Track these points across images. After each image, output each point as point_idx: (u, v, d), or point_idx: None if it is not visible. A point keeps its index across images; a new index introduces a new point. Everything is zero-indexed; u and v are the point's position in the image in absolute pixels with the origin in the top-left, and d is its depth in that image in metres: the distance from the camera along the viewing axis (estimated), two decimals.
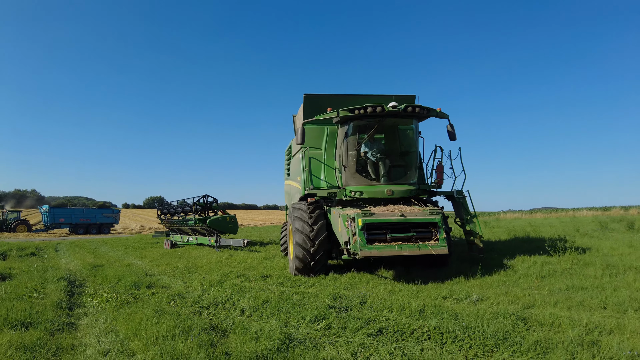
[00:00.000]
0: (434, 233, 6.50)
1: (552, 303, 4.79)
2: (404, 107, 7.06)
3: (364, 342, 3.72)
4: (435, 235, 6.47)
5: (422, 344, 3.62)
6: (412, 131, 7.86)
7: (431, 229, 6.53)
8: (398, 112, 7.10)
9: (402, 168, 7.82)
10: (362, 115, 7.13)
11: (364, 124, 7.45)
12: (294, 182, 9.29)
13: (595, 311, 4.46)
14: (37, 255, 13.30)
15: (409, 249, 6.18)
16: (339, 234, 6.84)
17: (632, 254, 8.31)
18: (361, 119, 7.30)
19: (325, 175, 8.07)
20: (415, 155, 7.82)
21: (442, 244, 6.37)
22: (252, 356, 3.41)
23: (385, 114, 7.07)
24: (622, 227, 15.05)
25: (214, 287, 6.70)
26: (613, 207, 46.18)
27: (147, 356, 3.52)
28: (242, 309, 5.21)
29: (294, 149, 9.68)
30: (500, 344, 3.51)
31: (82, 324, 4.90)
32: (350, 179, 7.50)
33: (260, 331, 4.04)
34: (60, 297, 6.09)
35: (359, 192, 7.30)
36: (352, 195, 7.36)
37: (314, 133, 8.35)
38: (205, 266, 9.56)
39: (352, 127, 7.51)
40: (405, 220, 6.45)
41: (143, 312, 4.93)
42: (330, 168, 8.14)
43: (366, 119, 7.27)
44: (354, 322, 4.25)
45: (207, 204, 15.52)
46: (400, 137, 8.18)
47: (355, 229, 6.23)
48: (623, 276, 6.25)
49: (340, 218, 6.68)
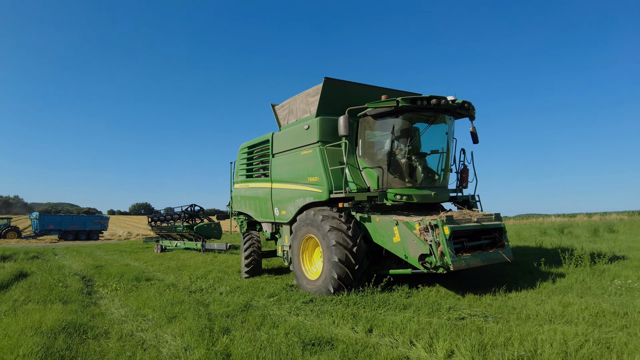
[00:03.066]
0: (497, 239, 6.43)
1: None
2: (462, 102, 6.66)
3: (299, 306, 5.67)
4: (500, 241, 6.40)
5: (335, 306, 5.58)
6: (450, 130, 7.16)
7: (496, 234, 6.46)
8: (455, 107, 6.64)
9: (437, 170, 7.23)
10: (423, 107, 6.45)
11: (415, 118, 6.81)
12: (286, 184, 7.93)
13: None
14: (39, 258, 14.88)
15: (488, 258, 5.97)
16: (395, 245, 5.97)
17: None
18: (421, 111, 6.59)
19: (351, 176, 6.85)
20: (449, 157, 7.26)
21: (509, 250, 6.35)
22: (224, 313, 5.33)
23: (446, 107, 6.56)
24: (556, 232, 17.46)
25: (200, 279, 8.59)
26: (579, 214, 49.56)
27: (155, 316, 5.40)
28: (221, 292, 7.11)
29: (280, 144, 8.32)
30: (383, 305, 5.50)
31: (102, 302, 6.73)
32: (393, 181, 6.67)
33: (230, 302, 5.98)
34: (80, 286, 7.92)
35: (407, 195, 6.56)
36: (398, 199, 6.52)
37: (331, 126, 7.13)
38: (192, 265, 11.41)
39: (402, 121, 6.67)
40: (482, 227, 6.19)
41: (147, 293, 6.83)
42: (354, 168, 6.99)
43: (426, 111, 6.64)
44: (296, 295, 6.23)
45: (194, 212, 17.33)
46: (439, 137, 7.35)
47: (437, 238, 5.50)
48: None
49: (401, 226, 5.86)
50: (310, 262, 7.15)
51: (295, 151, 7.74)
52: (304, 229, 6.98)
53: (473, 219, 6.15)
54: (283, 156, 8.17)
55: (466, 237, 5.98)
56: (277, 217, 8.27)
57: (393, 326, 4.35)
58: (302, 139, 7.52)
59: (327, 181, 6.76)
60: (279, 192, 8.17)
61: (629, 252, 9.69)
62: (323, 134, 7.12)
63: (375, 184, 6.73)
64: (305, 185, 7.31)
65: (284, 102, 8.65)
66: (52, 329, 4.54)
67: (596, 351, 3.36)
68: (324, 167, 6.84)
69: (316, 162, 7.02)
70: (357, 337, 4.16)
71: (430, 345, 3.77)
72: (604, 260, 7.56)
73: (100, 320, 5.32)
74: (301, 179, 7.45)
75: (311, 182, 7.17)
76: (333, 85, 7.29)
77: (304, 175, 7.35)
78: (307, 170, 7.27)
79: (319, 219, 6.51)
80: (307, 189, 7.27)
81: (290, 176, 7.81)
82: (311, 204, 7.22)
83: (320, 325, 4.68)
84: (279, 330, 4.38)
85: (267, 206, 8.57)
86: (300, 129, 7.60)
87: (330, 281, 6.14)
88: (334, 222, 6.32)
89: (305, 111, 7.79)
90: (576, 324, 4.20)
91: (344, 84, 7.44)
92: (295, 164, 7.69)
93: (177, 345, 4.10)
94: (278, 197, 8.19)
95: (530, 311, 4.75)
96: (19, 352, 3.73)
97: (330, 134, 7.11)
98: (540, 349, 3.45)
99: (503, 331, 4.00)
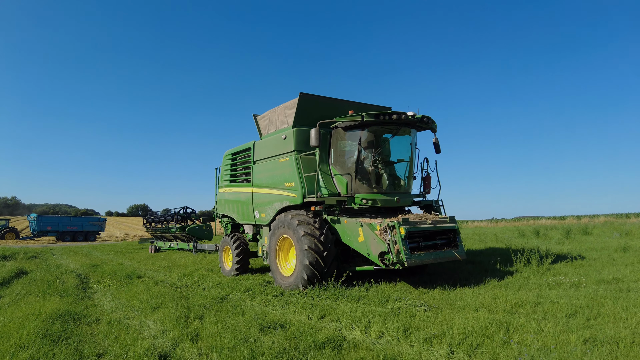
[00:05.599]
0: (452, 239, 7.06)
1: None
2: (421, 117, 7.35)
3: (269, 299, 6.41)
4: (454, 241, 7.05)
5: (300, 299, 6.33)
6: (413, 141, 7.88)
7: (450, 235, 7.09)
8: (415, 121, 7.30)
9: (402, 177, 7.89)
10: (385, 122, 7.14)
11: (380, 130, 7.44)
12: (266, 189, 8.61)
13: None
14: (38, 258, 15.60)
15: (441, 256, 6.60)
16: (360, 244, 6.66)
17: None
18: (384, 124, 7.28)
19: (323, 182, 7.50)
20: (412, 165, 7.91)
21: (462, 249, 7.04)
22: (202, 304, 6.08)
23: (407, 121, 7.22)
24: (532, 234, 18.30)
25: (187, 276, 9.34)
26: (569, 216, 50.61)
27: (141, 307, 6.13)
28: (204, 287, 7.84)
29: (260, 152, 9.05)
30: (341, 297, 6.25)
31: (96, 296, 7.46)
32: (361, 187, 7.30)
33: (208, 295, 6.73)
34: (76, 282, 8.66)
35: (372, 200, 7.19)
36: (365, 203, 7.18)
37: (305, 136, 7.79)
38: (182, 264, 12.15)
39: (368, 133, 7.33)
40: (436, 228, 6.84)
41: (137, 288, 7.58)
42: (326, 174, 7.64)
43: (388, 125, 7.30)
44: (268, 289, 6.99)
45: (187, 214, 18.08)
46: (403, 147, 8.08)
47: (395, 237, 6.17)
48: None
49: (364, 227, 6.56)
50: (285, 260, 7.84)
51: (274, 159, 8.43)
52: (281, 229, 7.65)
53: (428, 222, 6.80)
54: (263, 163, 8.88)
55: (422, 237, 6.66)
56: (258, 219, 8.98)
57: (342, 314, 5.10)
58: (280, 148, 8.22)
59: (302, 186, 7.44)
60: (260, 196, 8.85)
61: (587, 253, 10.50)
62: (299, 144, 7.83)
63: (345, 189, 7.36)
64: (283, 190, 7.99)
65: (265, 113, 9.38)
66: (50, 316, 5.28)
67: (495, 330, 4.13)
68: (299, 173, 7.51)
69: (292, 169, 7.69)
70: (309, 322, 4.91)
71: (367, 328, 4.52)
72: (551, 259, 8.32)
73: (93, 310, 6.07)
74: (279, 184, 8.13)
75: (287, 187, 7.85)
76: (308, 100, 8.02)
77: (282, 181, 8.03)
78: (284, 176, 7.95)
79: (295, 223, 7.11)
80: (284, 193, 7.95)
81: (270, 182, 8.49)
82: (288, 207, 7.89)
83: (282, 313, 5.43)
84: (245, 317, 5.13)
85: (249, 209, 9.23)
86: (279, 138, 8.32)
87: (301, 280, 6.87)
88: (308, 228, 6.92)
89: (284, 122, 8.50)
90: (495, 312, 4.97)
91: (317, 99, 8.20)
92: (273, 170, 8.37)
93: (156, 329, 4.84)
94: (258, 201, 8.87)
95: (464, 302, 5.51)
96: (23, 332, 4.47)
97: (305, 143, 7.78)
98: (452, 329, 4.22)
99: (429, 317, 4.76)
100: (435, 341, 3.96)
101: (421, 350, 3.76)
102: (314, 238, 6.84)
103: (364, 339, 4.23)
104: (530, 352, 3.51)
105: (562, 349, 3.54)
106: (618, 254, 9.98)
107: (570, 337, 3.79)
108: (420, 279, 7.62)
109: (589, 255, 9.93)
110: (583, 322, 4.37)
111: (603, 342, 3.63)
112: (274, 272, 7.78)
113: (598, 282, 6.64)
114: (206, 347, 4.04)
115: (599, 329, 4.04)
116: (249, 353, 3.74)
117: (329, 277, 6.96)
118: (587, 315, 4.60)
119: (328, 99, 8.32)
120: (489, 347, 3.73)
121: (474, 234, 21.21)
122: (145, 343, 4.17)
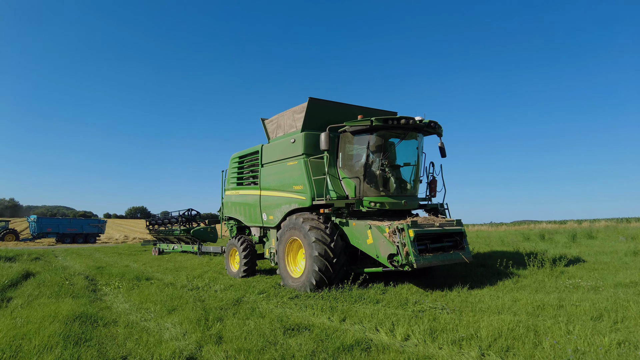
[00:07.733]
0: (458, 242, 7.12)
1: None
2: (429, 121, 7.47)
3: (285, 301, 6.36)
4: (461, 244, 7.10)
5: (317, 301, 6.28)
6: (420, 146, 7.96)
7: (457, 238, 7.16)
8: (423, 125, 7.41)
9: (408, 181, 7.97)
10: (394, 126, 7.23)
11: (388, 135, 7.53)
12: (274, 192, 8.69)
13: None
14: (42, 260, 15.46)
15: (448, 258, 6.68)
16: (369, 246, 6.74)
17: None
18: (393, 129, 7.37)
19: (332, 185, 7.60)
20: (419, 169, 8.00)
21: (469, 252, 7.10)
22: (218, 306, 6.02)
23: (414, 126, 7.32)
24: (537, 238, 18.27)
25: (196, 278, 9.26)
26: (569, 221, 50.72)
27: (156, 309, 6.07)
28: (215, 289, 7.78)
29: (268, 155, 9.11)
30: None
31: (107, 298, 7.39)
32: (369, 190, 7.36)
33: (223, 297, 6.67)
34: (86, 284, 8.57)
35: (380, 203, 7.23)
36: (373, 206, 7.19)
37: (314, 140, 7.90)
38: (189, 267, 12.07)
39: (376, 137, 7.43)
40: (443, 231, 6.91)
41: (148, 290, 7.51)
42: (334, 178, 7.71)
43: (396, 129, 7.39)
44: (283, 292, 6.93)
45: (191, 217, 17.97)
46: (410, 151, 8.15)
47: (404, 240, 6.25)
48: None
49: (373, 230, 6.63)
50: (295, 263, 7.88)
51: (282, 162, 8.51)
52: (288, 232, 7.74)
53: (436, 224, 6.91)
54: (271, 166, 8.95)
55: (429, 240, 6.72)
56: (265, 221, 9.01)
57: (363, 316, 5.06)
58: (289, 151, 8.29)
59: (310, 189, 7.52)
60: (267, 198, 8.91)
61: (595, 257, 10.48)
62: (307, 147, 7.90)
63: (353, 192, 7.44)
64: (291, 193, 8.08)
65: (273, 117, 9.41)
66: (67, 318, 5.21)
67: (523, 333, 4.09)
68: (308, 177, 7.61)
69: (301, 173, 7.78)
70: (331, 324, 4.86)
71: (392, 330, 4.48)
72: (564, 262, 8.30)
73: (108, 312, 5.99)
74: (287, 187, 8.22)
75: (296, 190, 7.93)
76: (317, 104, 8.10)
77: (290, 184, 8.12)
78: (293, 179, 8.03)
79: (300, 221, 7.34)
80: (292, 196, 8.04)
81: (278, 184, 8.58)
82: (296, 209, 7.97)
83: (301, 315, 5.38)
84: (265, 320, 5.08)
85: (256, 212, 9.30)
86: (287, 142, 8.38)
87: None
88: (314, 223, 7.10)
89: (292, 126, 8.56)
90: (518, 315, 4.93)
91: (326, 103, 8.26)
92: (282, 173, 8.45)
93: (176, 331, 4.78)
94: (266, 203, 8.93)
95: (484, 305, 5.47)
96: (44, 334, 4.40)
97: (313, 147, 7.87)
98: (479, 332, 4.17)
99: (453, 320, 4.72)
100: (464, 343, 3.92)
101: (452, 353, 3.72)
102: (324, 245, 6.87)
103: (390, 341, 4.18)
104: (565, 354, 3.47)
105: (596, 352, 3.50)
106: (629, 258, 9.96)
107: (603, 340, 3.75)
108: (434, 282, 7.57)
109: (600, 259, 9.91)
110: (610, 325, 4.34)
111: (637, 346, 3.60)
112: (285, 279, 7.80)
113: (616, 285, 6.60)
114: (232, 349, 3.99)
115: (629, 332, 4.01)
116: (280, 355, 3.69)
117: (343, 279, 6.92)
118: (614, 318, 4.56)
119: (336, 103, 8.41)
120: (521, 349, 3.69)
121: (478, 237, 21.17)
122: (170, 345, 4.11)
